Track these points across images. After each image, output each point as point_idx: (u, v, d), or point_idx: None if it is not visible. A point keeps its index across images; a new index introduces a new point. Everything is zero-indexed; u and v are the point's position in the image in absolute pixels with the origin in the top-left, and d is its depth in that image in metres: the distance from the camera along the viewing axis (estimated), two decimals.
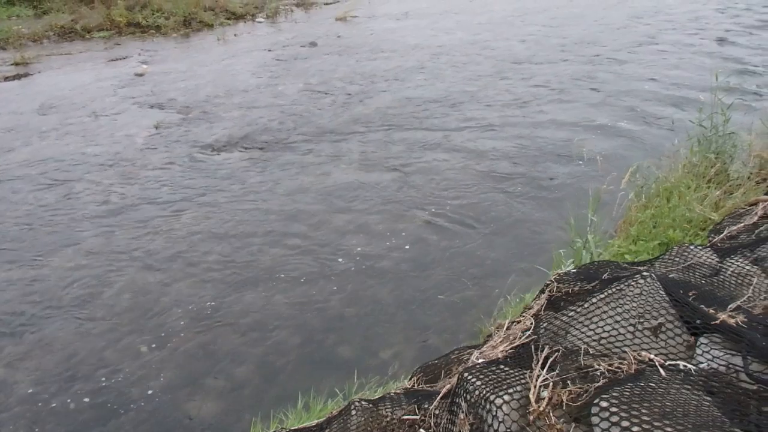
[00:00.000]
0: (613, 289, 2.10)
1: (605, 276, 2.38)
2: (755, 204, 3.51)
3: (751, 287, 2.19)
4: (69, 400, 3.89)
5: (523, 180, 6.60)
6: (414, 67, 10.09)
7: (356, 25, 12.97)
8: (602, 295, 2.09)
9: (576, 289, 2.38)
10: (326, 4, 14.85)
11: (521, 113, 8.24)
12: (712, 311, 1.93)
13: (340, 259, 5.36)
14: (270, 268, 5.27)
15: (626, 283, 2.09)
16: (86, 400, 3.90)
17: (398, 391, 2.55)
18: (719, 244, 3.12)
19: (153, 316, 4.69)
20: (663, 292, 2.02)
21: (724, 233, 3.32)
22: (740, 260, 2.47)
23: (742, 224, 3.31)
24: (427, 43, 11.37)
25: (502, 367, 1.97)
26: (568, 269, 2.75)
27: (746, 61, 10.04)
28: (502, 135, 7.66)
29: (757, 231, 3.07)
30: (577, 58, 10.36)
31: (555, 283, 2.47)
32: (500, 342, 2.28)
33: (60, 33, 12.95)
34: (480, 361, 2.17)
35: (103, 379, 4.07)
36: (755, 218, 3.26)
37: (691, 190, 5.10)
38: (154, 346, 4.38)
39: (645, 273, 2.13)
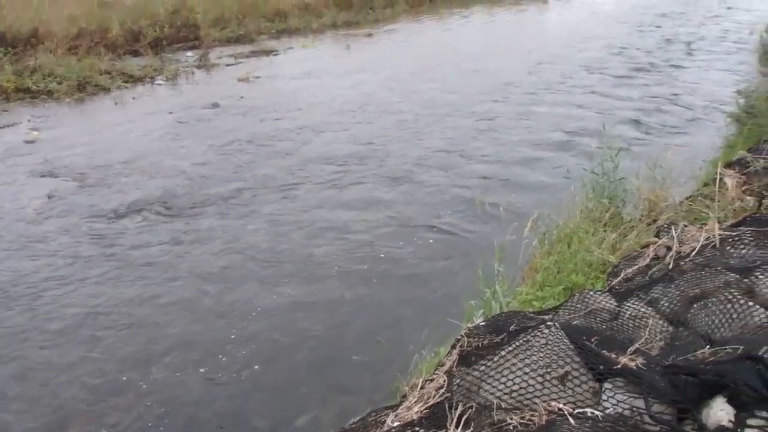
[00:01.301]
0: (521, 341, 2.13)
1: (512, 327, 2.43)
2: (647, 246, 3.69)
3: (647, 329, 2.28)
4: None
5: (431, 233, 6.71)
6: (318, 125, 10.18)
7: (259, 85, 13.01)
8: (510, 348, 2.11)
9: (486, 342, 2.40)
10: (228, 65, 14.83)
11: (423, 168, 8.42)
12: (613, 356, 1.99)
13: (251, 325, 5.22)
14: (179, 335, 5.06)
15: (532, 334, 2.13)
16: None
17: None
18: (617, 287, 3.26)
19: (40, 400, 4.38)
20: (567, 340, 2.07)
21: (621, 276, 3.48)
22: (636, 303, 2.58)
23: (637, 266, 3.47)
24: (331, 101, 11.53)
25: (417, 429, 1.95)
26: (478, 322, 2.79)
27: (632, 107, 10.74)
28: (407, 190, 7.79)
29: (650, 272, 3.23)
30: (472, 114, 10.75)
31: (465, 338, 2.48)
32: (415, 402, 2.26)
33: None
34: (395, 424, 2.14)
35: None
36: (647, 260, 3.43)
37: (589, 235, 5.33)
38: None
39: (549, 322, 2.18)
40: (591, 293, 2.80)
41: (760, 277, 2.39)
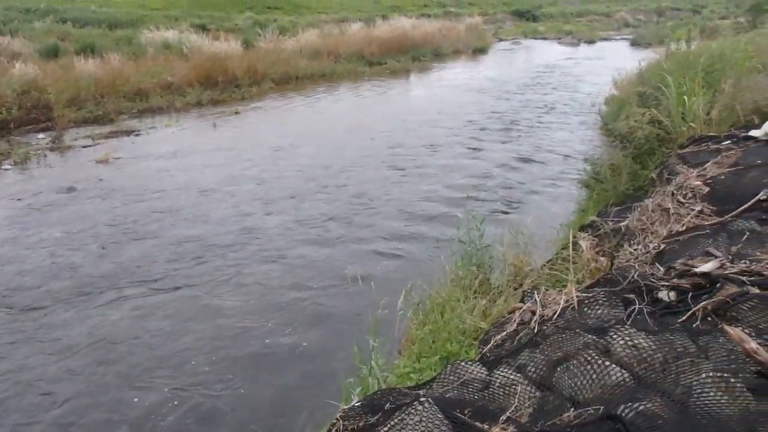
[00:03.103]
0: (396, 420, 2.11)
1: (388, 405, 2.40)
2: (514, 311, 3.82)
3: (517, 396, 2.33)
4: None
5: (305, 311, 6.61)
6: (184, 206, 9.88)
7: (120, 166, 12.49)
8: (386, 428, 2.08)
9: (362, 423, 2.35)
10: (85, 146, 14.15)
11: (293, 245, 8.35)
12: (486, 426, 2.00)
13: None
14: None
15: (407, 412, 2.11)
16: None
17: None
18: (488, 355, 3.33)
19: None
20: (441, 415, 2.07)
21: (491, 343, 3.56)
22: (505, 370, 2.64)
23: (505, 332, 3.57)
24: (197, 181, 11.25)
25: None
26: (353, 402, 2.73)
27: (491, 175, 11.32)
28: (277, 268, 7.67)
29: (517, 338, 3.33)
30: (342, 188, 10.89)
31: (341, 421, 2.42)
32: None
33: None
34: None
35: None
36: (515, 325, 3.54)
37: (461, 302, 5.46)
38: None
39: (423, 398, 2.18)
40: (463, 364, 2.83)
41: (614, 336, 2.53)
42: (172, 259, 7.90)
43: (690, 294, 3.01)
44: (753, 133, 6.71)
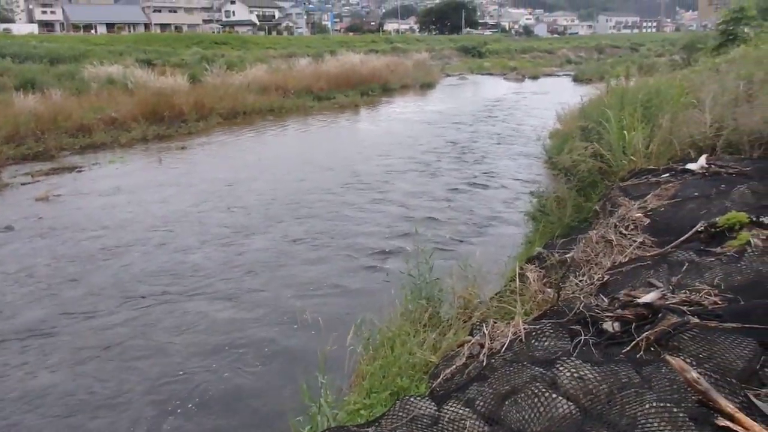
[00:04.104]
0: None
1: None
2: (463, 345, 3.81)
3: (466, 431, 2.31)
4: None
5: (252, 350, 6.45)
6: (127, 244, 9.62)
7: (61, 204, 12.13)
8: None
9: None
10: (24, 184, 13.72)
11: (239, 282, 8.21)
12: None
13: None
14: None
15: None
16: None
17: None
18: (437, 389, 3.30)
19: None
20: None
21: (441, 377, 3.54)
22: (454, 405, 2.62)
23: (455, 366, 3.56)
24: (140, 219, 10.99)
25: None
26: None
27: (440, 207, 11.41)
28: (223, 306, 7.51)
29: (466, 371, 3.32)
30: (290, 223, 10.80)
31: None
32: None
33: None
34: None
35: None
36: (464, 359, 3.53)
37: (411, 336, 5.42)
38: None
39: None
40: (412, 399, 2.80)
41: (561, 368, 2.54)
42: (113, 300, 7.65)
43: (633, 324, 3.06)
44: (690, 166, 6.96)
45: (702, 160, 7.02)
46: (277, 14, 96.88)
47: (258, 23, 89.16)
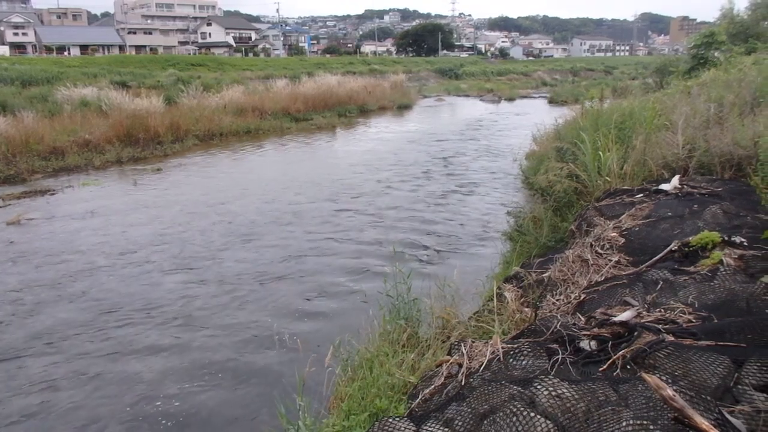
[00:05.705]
0: None
1: None
2: (441, 364, 3.81)
3: None
4: None
5: (229, 374, 6.37)
6: (100, 269, 9.47)
7: (33, 228, 11.94)
8: None
9: None
10: None
11: (215, 306, 8.12)
12: None
13: None
14: None
15: None
16: None
17: None
18: (416, 410, 3.29)
19: None
20: None
21: (420, 397, 3.53)
22: (433, 425, 2.61)
23: (433, 386, 3.55)
24: (114, 242, 10.85)
25: None
26: None
27: (417, 228, 11.42)
28: (199, 333, 7.40)
29: (445, 391, 3.32)
30: (268, 246, 10.74)
31: None
32: None
33: None
34: None
35: None
36: (442, 379, 3.53)
37: (389, 357, 5.40)
38: None
39: None
40: (391, 420, 2.79)
41: (539, 387, 2.55)
42: (85, 326, 7.52)
43: (610, 342, 3.09)
44: (663, 186, 7.09)
45: (675, 180, 7.15)
46: (253, 36, 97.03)
47: (234, 45, 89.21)
